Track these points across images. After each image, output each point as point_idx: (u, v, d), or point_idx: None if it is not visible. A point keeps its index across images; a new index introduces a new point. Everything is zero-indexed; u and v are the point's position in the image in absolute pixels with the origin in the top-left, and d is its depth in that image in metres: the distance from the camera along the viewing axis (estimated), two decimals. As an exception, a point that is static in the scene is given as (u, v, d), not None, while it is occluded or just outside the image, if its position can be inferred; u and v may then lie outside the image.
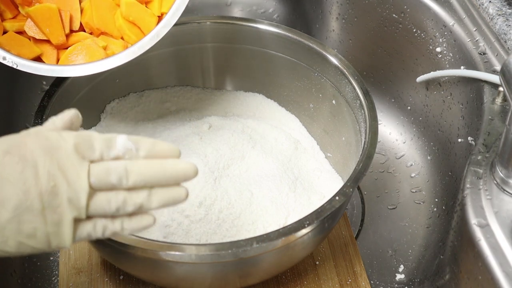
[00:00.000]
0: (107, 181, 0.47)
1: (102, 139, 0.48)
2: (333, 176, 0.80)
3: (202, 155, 0.75)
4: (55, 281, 0.79)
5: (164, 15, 0.69)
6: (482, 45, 0.80)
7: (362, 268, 0.77)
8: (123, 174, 0.47)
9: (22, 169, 0.45)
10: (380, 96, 0.97)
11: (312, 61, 0.80)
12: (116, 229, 0.49)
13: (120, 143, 0.48)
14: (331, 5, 0.99)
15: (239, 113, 0.87)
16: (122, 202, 0.48)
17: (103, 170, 0.47)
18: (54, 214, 0.46)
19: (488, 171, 0.66)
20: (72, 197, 0.46)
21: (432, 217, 0.85)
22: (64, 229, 0.47)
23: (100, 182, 0.47)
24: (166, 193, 0.49)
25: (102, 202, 0.47)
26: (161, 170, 0.48)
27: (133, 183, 0.48)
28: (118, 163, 0.48)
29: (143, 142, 0.49)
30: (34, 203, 0.45)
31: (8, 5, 0.69)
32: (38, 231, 0.46)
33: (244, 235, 0.70)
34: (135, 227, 0.49)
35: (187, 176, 0.49)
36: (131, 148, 0.48)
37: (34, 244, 0.47)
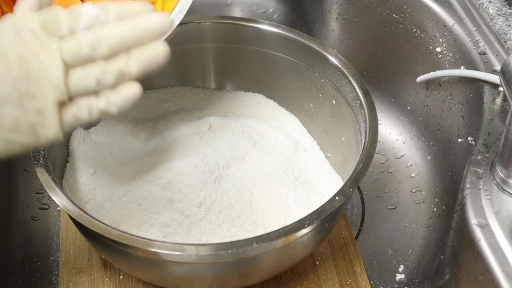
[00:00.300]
0: (80, 52, 0.44)
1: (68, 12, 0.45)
2: (333, 176, 0.80)
3: (202, 155, 0.75)
4: (55, 281, 0.79)
5: None
6: (482, 45, 0.80)
7: (362, 268, 0.77)
8: (95, 42, 0.44)
9: None
10: (380, 96, 0.97)
11: (312, 61, 0.80)
12: (101, 105, 0.46)
13: (86, 12, 0.45)
14: (331, 5, 0.99)
15: (239, 113, 0.87)
16: (101, 72, 0.45)
17: (73, 42, 0.45)
18: (34, 102, 0.44)
19: (488, 171, 0.66)
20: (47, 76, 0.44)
21: (432, 217, 0.85)
22: (49, 116, 0.44)
23: (73, 55, 0.44)
24: (144, 51, 0.46)
25: (80, 76, 0.45)
26: (133, 28, 0.45)
27: (107, 48, 0.45)
28: (88, 32, 0.45)
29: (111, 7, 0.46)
30: (9, 92, 0.43)
31: (10, 7, 0.69)
32: (21, 122, 0.44)
33: (244, 235, 0.70)
34: (120, 100, 0.46)
35: (162, 28, 0.46)
36: (99, 15, 0.46)
37: (20, 138, 0.45)
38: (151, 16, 0.46)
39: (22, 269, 0.78)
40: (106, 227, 0.60)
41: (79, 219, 0.61)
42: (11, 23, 0.45)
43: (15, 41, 0.44)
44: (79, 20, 0.45)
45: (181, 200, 0.71)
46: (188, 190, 0.71)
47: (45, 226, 0.84)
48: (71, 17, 0.45)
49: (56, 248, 0.82)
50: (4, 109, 0.44)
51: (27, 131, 0.45)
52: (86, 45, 0.44)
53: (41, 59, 0.44)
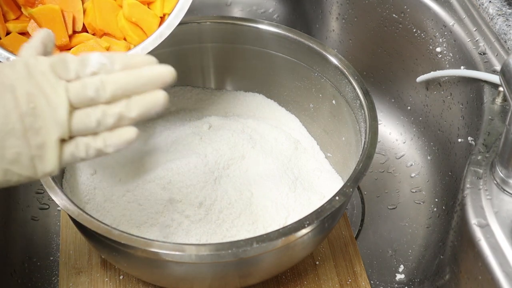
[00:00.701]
0: (85, 94, 0.47)
1: (76, 58, 0.48)
2: (333, 176, 0.80)
3: (202, 155, 0.75)
4: (55, 281, 0.79)
5: (166, 16, 0.69)
6: (482, 45, 0.80)
7: (362, 268, 0.77)
8: (100, 86, 0.47)
9: (0, 94, 0.46)
10: (380, 96, 0.97)
11: (312, 61, 0.80)
12: (99, 146, 0.48)
13: (94, 59, 0.48)
14: (331, 5, 0.99)
15: (239, 113, 0.87)
16: (102, 114, 0.47)
17: (79, 85, 0.47)
18: (37, 136, 0.46)
19: (488, 171, 0.66)
20: (53, 115, 0.46)
21: (432, 217, 0.85)
22: (49, 151, 0.47)
23: (78, 96, 0.47)
24: (144, 98, 0.48)
25: (82, 117, 0.47)
26: (137, 77, 0.48)
27: (110, 92, 0.47)
28: (94, 78, 0.48)
29: (117, 56, 0.49)
30: (16, 126, 0.45)
31: (11, 6, 0.69)
32: (22, 155, 0.46)
33: (244, 235, 0.70)
34: (117, 141, 0.48)
35: (164, 79, 0.49)
36: (106, 63, 0.48)
37: (19, 170, 0.47)
38: (154, 67, 0.49)
39: (22, 269, 0.78)
40: (106, 227, 0.60)
41: (79, 219, 0.61)
42: (23, 63, 0.48)
43: (25, 79, 0.47)
44: (86, 66, 0.48)
45: (181, 200, 0.71)
46: (188, 190, 0.71)
47: (45, 226, 0.84)
48: (79, 62, 0.48)
49: (56, 248, 0.82)
50: (8, 141, 0.46)
51: (26, 164, 0.47)
52: (91, 88, 0.47)
53: (49, 97, 0.46)
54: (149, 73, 0.49)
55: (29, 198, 0.86)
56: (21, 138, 0.46)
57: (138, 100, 0.48)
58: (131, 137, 0.49)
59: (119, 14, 0.70)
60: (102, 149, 0.49)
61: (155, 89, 0.49)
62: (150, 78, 0.48)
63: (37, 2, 0.69)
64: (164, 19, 0.69)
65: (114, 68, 0.49)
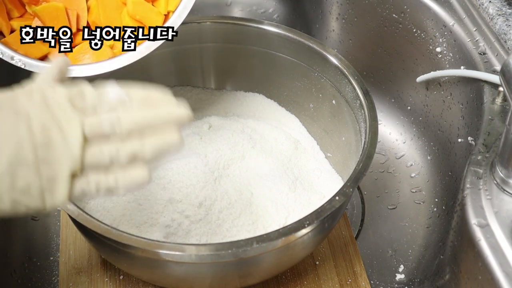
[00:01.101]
0: (100, 130, 0.47)
1: (94, 91, 0.48)
2: (333, 176, 0.80)
3: (202, 155, 0.75)
4: (55, 281, 0.79)
5: (170, 13, 0.69)
6: (482, 45, 0.80)
7: (362, 268, 0.77)
8: (116, 122, 0.47)
9: (15, 122, 0.45)
10: (380, 96, 0.97)
11: (312, 61, 0.80)
12: (110, 184, 0.47)
13: (112, 92, 0.48)
14: (331, 5, 0.99)
15: (239, 113, 0.87)
16: (115, 151, 0.47)
17: (95, 120, 0.47)
18: (49, 169, 0.45)
19: (488, 171, 0.66)
20: (66, 148, 0.45)
21: (432, 217, 0.85)
22: (60, 185, 0.46)
23: (93, 131, 0.46)
24: (160, 138, 0.48)
25: (95, 153, 0.47)
26: (154, 116, 0.48)
27: (126, 129, 0.47)
28: (111, 114, 0.47)
29: (135, 92, 0.48)
30: (28, 157, 0.45)
31: (15, 4, 0.69)
32: (33, 187, 0.45)
33: (244, 235, 0.70)
34: (129, 182, 0.48)
35: (181, 120, 0.48)
36: (123, 97, 0.48)
37: (28, 201, 0.46)
38: (172, 107, 0.49)
39: (22, 269, 0.78)
40: (106, 227, 0.60)
41: (79, 219, 0.61)
42: (40, 92, 0.47)
43: (41, 110, 0.46)
44: (103, 99, 0.47)
45: (181, 200, 0.71)
46: (188, 190, 0.71)
47: (45, 226, 0.84)
48: (97, 95, 0.47)
49: (56, 248, 0.82)
50: (19, 171, 0.45)
51: (36, 196, 0.46)
52: (107, 124, 0.47)
53: (64, 130, 0.46)
54: (167, 113, 0.48)
55: (29, 198, 0.86)
56: (33, 169, 0.45)
57: (153, 141, 0.48)
58: (144, 179, 0.48)
59: (123, 12, 0.70)
60: (113, 188, 0.48)
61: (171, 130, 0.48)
62: (168, 119, 0.48)
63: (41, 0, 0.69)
64: (168, 17, 0.69)
65: (132, 104, 0.48)
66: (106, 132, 0.47)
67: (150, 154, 0.48)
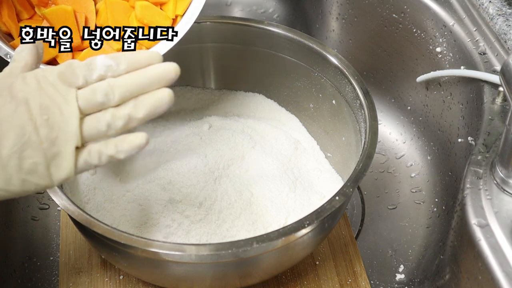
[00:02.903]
0: (95, 100, 0.49)
1: (83, 64, 0.50)
2: (333, 176, 0.80)
3: (202, 155, 0.75)
4: (55, 281, 0.79)
5: (178, 17, 0.69)
6: (482, 45, 0.80)
7: (362, 268, 0.77)
8: (109, 90, 0.49)
9: (15, 108, 0.47)
10: (380, 96, 0.97)
11: (312, 61, 0.80)
12: (111, 152, 0.49)
13: (100, 62, 0.49)
14: (331, 5, 0.99)
15: (239, 113, 0.87)
16: (111, 117, 0.49)
17: (89, 91, 0.49)
18: (53, 147, 0.48)
19: (488, 171, 0.66)
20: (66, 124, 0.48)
21: (432, 217, 0.85)
22: (65, 160, 0.48)
23: (88, 103, 0.49)
24: (151, 97, 0.50)
25: (93, 122, 0.49)
26: (143, 77, 0.50)
27: (119, 96, 0.49)
28: (102, 82, 0.49)
29: (123, 56, 0.50)
30: (32, 137, 0.47)
31: (24, 6, 0.69)
32: (39, 165, 0.48)
33: (244, 235, 0.70)
34: (128, 147, 0.49)
35: (168, 76, 0.50)
36: (111, 64, 0.50)
37: (36, 180, 0.48)
38: (159, 66, 0.50)
39: (22, 269, 0.78)
40: (106, 227, 0.60)
41: (79, 219, 0.61)
42: (33, 75, 0.49)
43: (37, 92, 0.48)
44: (93, 70, 0.50)
45: (181, 201, 0.71)
46: (188, 190, 0.71)
47: (45, 226, 0.84)
48: (86, 67, 0.49)
49: (56, 248, 0.82)
50: (25, 152, 0.47)
51: (43, 173, 0.48)
52: (100, 93, 0.49)
53: (61, 107, 0.48)
54: (154, 72, 0.50)
55: (29, 198, 0.86)
56: (37, 149, 0.47)
57: (145, 100, 0.50)
58: (142, 142, 0.50)
59: (131, 16, 0.70)
60: (114, 155, 0.50)
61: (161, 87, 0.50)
62: (156, 78, 0.50)
63: (50, 2, 0.69)
64: (176, 21, 0.69)
65: (120, 68, 0.50)
66: (100, 101, 0.49)
67: (143, 114, 0.50)
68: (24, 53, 0.52)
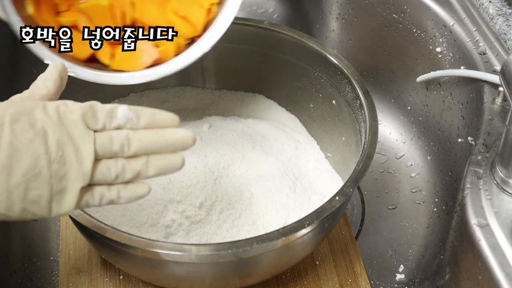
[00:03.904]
0: (110, 149, 0.49)
1: (105, 110, 0.50)
2: (333, 176, 0.80)
3: (202, 155, 0.75)
4: (55, 281, 0.79)
5: (213, 7, 0.69)
6: (482, 45, 0.80)
7: (362, 268, 0.77)
8: (125, 142, 0.49)
9: (32, 137, 0.47)
10: (380, 96, 0.97)
11: (312, 61, 0.80)
12: (112, 197, 0.50)
13: (121, 113, 0.50)
14: (331, 5, 0.99)
15: (239, 113, 0.87)
16: (122, 169, 0.50)
17: (106, 138, 0.49)
18: (60, 183, 0.48)
19: (488, 171, 0.66)
20: (79, 165, 0.48)
21: (432, 217, 0.85)
22: (68, 198, 0.48)
23: (104, 150, 0.49)
24: (163, 160, 0.51)
25: (103, 169, 0.49)
26: (161, 138, 0.50)
27: (134, 150, 0.50)
28: (121, 132, 0.50)
29: (143, 112, 0.51)
30: (43, 171, 0.47)
31: None
32: (43, 198, 0.48)
33: (245, 236, 0.70)
34: (130, 196, 0.51)
35: (185, 144, 0.51)
36: (132, 118, 0.50)
37: (36, 210, 0.48)
38: (178, 131, 0.51)
39: (22, 269, 0.78)
40: (106, 227, 0.60)
41: (79, 219, 0.61)
42: (54, 107, 0.49)
43: (57, 127, 0.48)
44: (113, 118, 0.50)
45: (181, 201, 0.71)
46: (188, 190, 0.71)
47: (45, 226, 0.84)
48: (108, 114, 0.50)
49: (56, 248, 0.82)
50: (33, 184, 0.47)
51: (44, 206, 0.48)
52: (117, 143, 0.49)
53: (77, 148, 0.48)
54: (172, 137, 0.51)
55: (29, 198, 0.86)
56: (45, 183, 0.47)
57: (157, 161, 0.51)
58: (144, 193, 0.51)
59: (167, 7, 0.70)
60: (114, 200, 0.51)
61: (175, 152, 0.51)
62: (172, 142, 0.51)
63: None
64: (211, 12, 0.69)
65: (139, 123, 0.51)
66: (115, 151, 0.49)
67: (152, 173, 0.51)
68: (48, 83, 0.53)
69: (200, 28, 0.69)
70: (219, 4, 0.69)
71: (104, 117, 0.50)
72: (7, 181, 0.46)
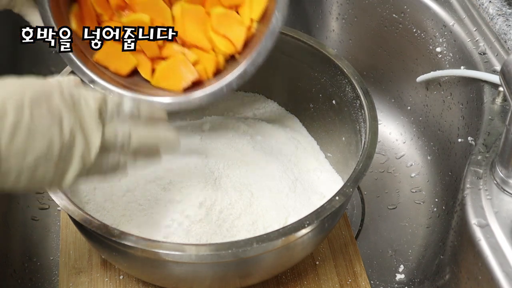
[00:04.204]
0: (113, 144, 0.54)
1: (114, 102, 0.55)
2: (333, 176, 0.80)
3: (202, 155, 0.75)
4: (55, 281, 0.79)
5: (253, 23, 0.68)
6: (482, 45, 0.80)
7: (362, 268, 0.77)
8: (127, 141, 0.55)
9: (49, 124, 0.49)
10: (380, 96, 0.97)
11: (312, 61, 0.80)
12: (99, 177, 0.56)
13: (127, 107, 0.55)
14: (331, 5, 0.99)
15: (239, 113, 0.87)
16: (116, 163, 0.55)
17: (113, 134, 0.54)
18: (65, 166, 0.51)
19: (488, 171, 0.66)
20: (85, 153, 0.51)
21: (432, 217, 0.85)
22: (67, 179, 0.52)
23: (108, 143, 0.53)
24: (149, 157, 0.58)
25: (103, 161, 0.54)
26: (155, 139, 0.58)
27: (132, 148, 0.55)
28: (125, 128, 0.55)
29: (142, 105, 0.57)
30: (54, 156, 0.50)
31: (103, 7, 0.68)
32: (47, 177, 0.50)
33: (245, 235, 0.70)
34: None
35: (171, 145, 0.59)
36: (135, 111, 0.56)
37: (37, 186, 0.51)
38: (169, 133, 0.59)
39: (22, 269, 0.78)
40: (106, 227, 0.60)
41: (79, 219, 0.61)
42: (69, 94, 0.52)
43: (72, 113, 0.51)
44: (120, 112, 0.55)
45: (181, 201, 0.71)
46: (188, 190, 0.71)
47: (45, 226, 0.84)
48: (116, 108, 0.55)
49: (56, 248, 0.82)
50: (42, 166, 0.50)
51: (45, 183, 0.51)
52: (120, 141, 0.54)
53: (87, 138, 0.52)
54: (164, 139, 0.59)
55: (29, 198, 0.86)
56: (53, 166, 0.50)
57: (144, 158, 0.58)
58: None
59: (208, 25, 0.69)
60: None
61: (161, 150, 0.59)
62: (164, 141, 0.59)
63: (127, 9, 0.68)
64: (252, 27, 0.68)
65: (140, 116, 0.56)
66: (116, 146, 0.54)
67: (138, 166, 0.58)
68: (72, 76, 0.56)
69: (239, 45, 0.68)
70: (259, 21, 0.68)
71: (113, 111, 0.54)
72: (21, 164, 0.48)
